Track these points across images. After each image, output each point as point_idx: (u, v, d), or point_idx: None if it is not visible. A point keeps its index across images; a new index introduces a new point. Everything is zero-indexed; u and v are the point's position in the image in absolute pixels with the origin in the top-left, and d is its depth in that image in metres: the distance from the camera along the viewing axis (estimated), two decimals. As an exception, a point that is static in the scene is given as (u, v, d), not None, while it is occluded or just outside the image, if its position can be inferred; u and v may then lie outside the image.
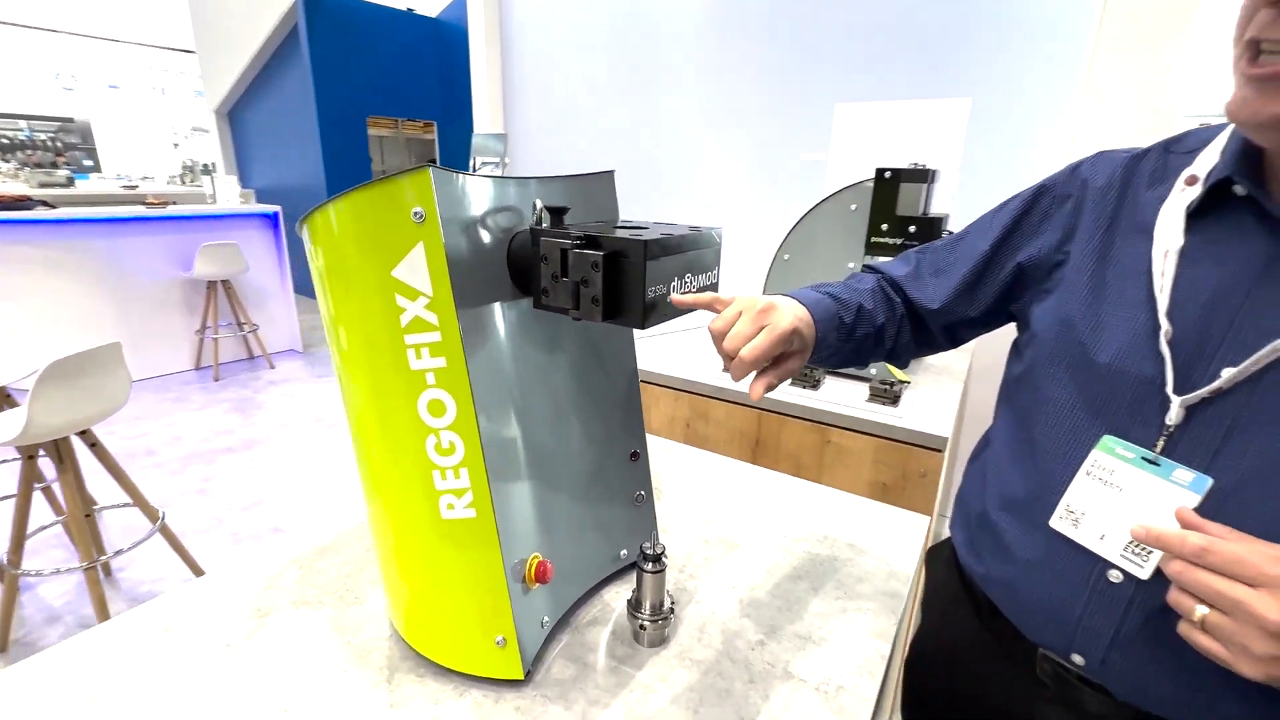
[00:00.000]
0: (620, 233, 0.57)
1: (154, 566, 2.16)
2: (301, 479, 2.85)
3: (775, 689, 0.66)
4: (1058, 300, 0.62)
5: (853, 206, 1.56)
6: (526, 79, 3.27)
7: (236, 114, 6.78)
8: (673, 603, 0.74)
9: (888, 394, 1.46)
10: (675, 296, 0.60)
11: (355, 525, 0.95)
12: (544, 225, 0.63)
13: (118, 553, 1.91)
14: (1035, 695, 0.61)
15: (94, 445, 1.78)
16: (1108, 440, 0.55)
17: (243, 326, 4.26)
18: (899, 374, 1.50)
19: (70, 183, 5.41)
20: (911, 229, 1.47)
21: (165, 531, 1.95)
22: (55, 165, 7.65)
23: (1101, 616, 0.55)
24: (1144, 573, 0.51)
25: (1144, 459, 0.53)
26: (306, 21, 5.02)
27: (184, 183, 9.73)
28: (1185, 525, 0.46)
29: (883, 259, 0.82)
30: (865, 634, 0.74)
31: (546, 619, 0.70)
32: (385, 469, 0.64)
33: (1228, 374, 0.48)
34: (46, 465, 1.75)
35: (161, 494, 2.64)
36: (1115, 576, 0.53)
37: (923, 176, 1.49)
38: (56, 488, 2.04)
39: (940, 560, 0.78)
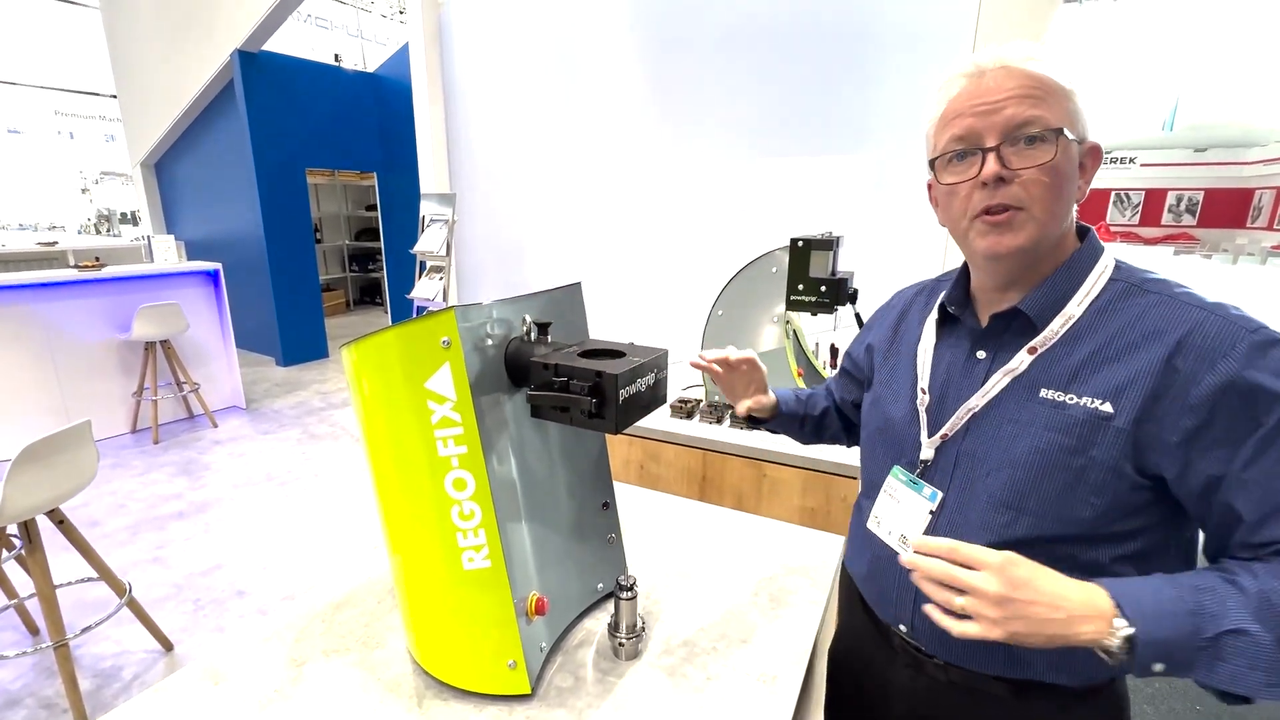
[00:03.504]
0: (591, 362, 0.77)
1: (113, 641, 2.15)
2: (260, 540, 2.85)
3: (726, 683, 0.85)
4: (872, 387, 0.92)
5: (774, 269, 1.82)
6: (471, 136, 3.41)
7: (164, 166, 6.65)
8: (643, 623, 0.92)
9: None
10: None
11: (364, 582, 1.09)
12: (533, 337, 0.83)
13: (86, 629, 1.91)
14: (897, 663, 0.83)
15: (61, 523, 1.80)
16: (895, 469, 0.82)
17: (183, 386, 4.18)
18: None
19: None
20: (822, 289, 1.73)
21: (133, 605, 1.96)
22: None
23: (904, 594, 0.78)
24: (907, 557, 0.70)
25: (911, 481, 0.79)
26: (243, 78, 5.06)
27: (99, 231, 9.30)
28: (921, 548, 0.62)
29: None
30: (793, 636, 0.95)
31: (544, 644, 0.87)
32: (415, 533, 0.81)
33: (946, 427, 0.75)
34: None
35: (114, 566, 2.58)
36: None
37: (828, 245, 1.77)
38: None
39: (845, 573, 1.00)
